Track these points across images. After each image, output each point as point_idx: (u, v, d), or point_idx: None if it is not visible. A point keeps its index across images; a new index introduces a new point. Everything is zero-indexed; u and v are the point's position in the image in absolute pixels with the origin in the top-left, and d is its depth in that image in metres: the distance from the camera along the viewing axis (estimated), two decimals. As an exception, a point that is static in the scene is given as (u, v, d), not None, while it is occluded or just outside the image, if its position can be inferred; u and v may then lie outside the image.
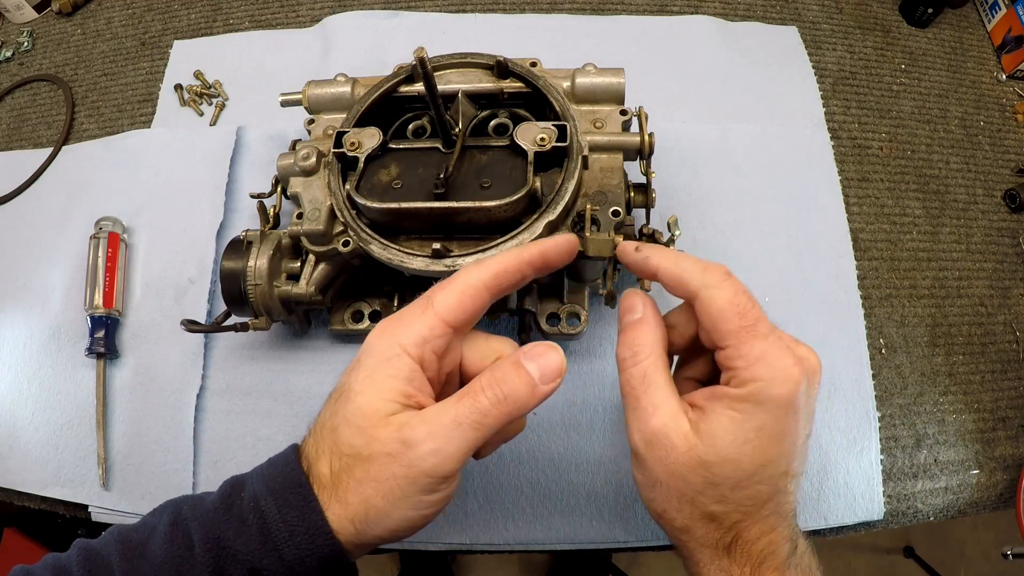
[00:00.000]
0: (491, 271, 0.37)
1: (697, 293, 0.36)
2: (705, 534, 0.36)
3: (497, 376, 0.35)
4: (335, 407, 0.36)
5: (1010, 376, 0.61)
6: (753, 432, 0.34)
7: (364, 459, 0.34)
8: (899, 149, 0.69)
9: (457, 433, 0.34)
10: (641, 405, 0.36)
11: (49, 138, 0.74)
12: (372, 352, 0.36)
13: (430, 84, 0.45)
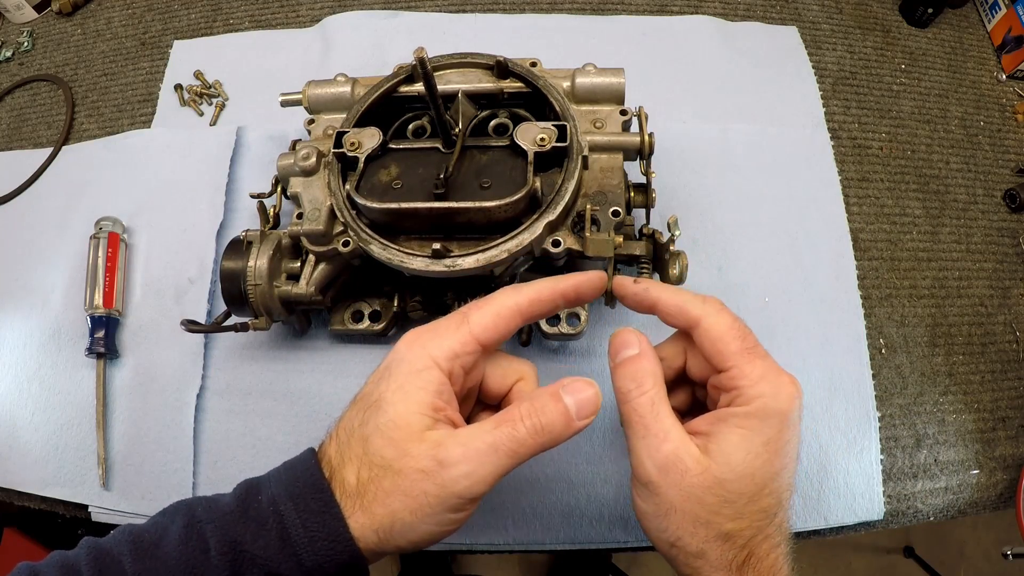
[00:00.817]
0: (527, 297, 0.38)
1: (699, 320, 0.38)
2: (719, 556, 0.37)
3: (537, 406, 0.35)
4: (365, 416, 0.36)
5: (1010, 376, 0.61)
6: (762, 446, 0.36)
7: (395, 472, 0.34)
8: (899, 149, 0.69)
9: (492, 459, 0.34)
10: (652, 432, 0.37)
11: (49, 138, 0.74)
12: (403, 361, 0.36)
13: (430, 84, 0.45)
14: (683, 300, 0.39)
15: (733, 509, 0.36)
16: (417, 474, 0.34)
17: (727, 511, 0.36)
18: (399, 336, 0.59)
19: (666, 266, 0.49)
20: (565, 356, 0.58)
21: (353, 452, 0.36)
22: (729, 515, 0.36)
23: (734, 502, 0.36)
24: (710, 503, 0.36)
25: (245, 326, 0.53)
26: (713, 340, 0.38)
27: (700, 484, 0.36)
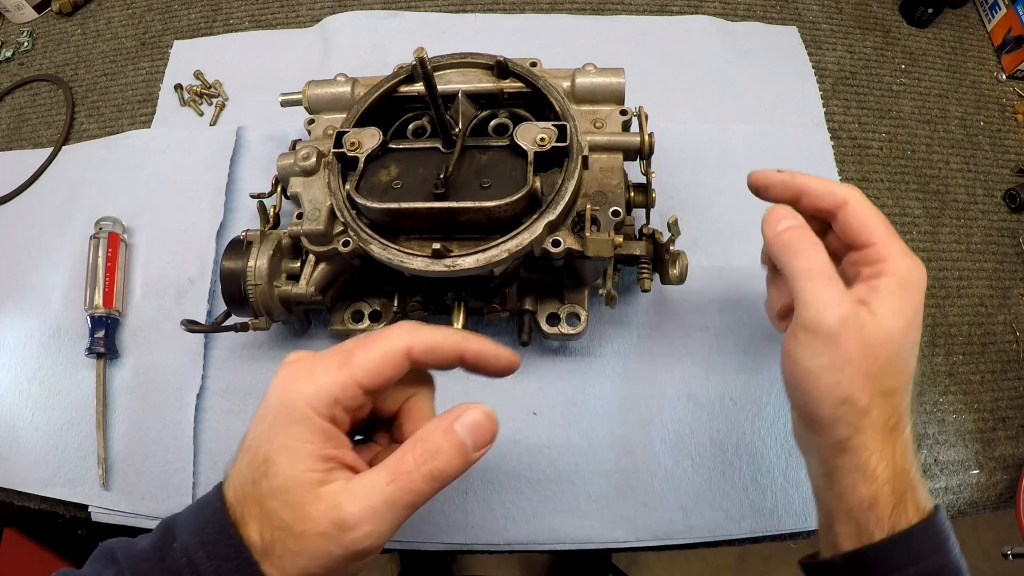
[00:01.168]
0: (423, 343, 0.36)
1: (847, 200, 0.42)
2: (880, 414, 0.39)
3: (431, 448, 0.34)
4: (255, 476, 0.34)
5: (1010, 376, 0.61)
6: (912, 311, 0.40)
7: (297, 535, 0.33)
8: (899, 149, 0.69)
9: (391, 515, 0.33)
10: (835, 284, 0.40)
11: (49, 138, 0.74)
12: (280, 410, 0.34)
13: (430, 84, 0.45)
14: (830, 182, 0.44)
15: (894, 367, 0.39)
16: (320, 538, 0.32)
17: (891, 368, 0.39)
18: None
19: (666, 266, 0.49)
20: (565, 356, 0.58)
21: (251, 512, 0.34)
22: (892, 373, 0.39)
23: (898, 355, 0.39)
24: (882, 357, 0.39)
25: (245, 326, 0.53)
26: (861, 218, 0.42)
27: (877, 338, 0.38)
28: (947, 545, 0.39)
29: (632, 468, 0.55)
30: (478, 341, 0.37)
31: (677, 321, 0.59)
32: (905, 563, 0.38)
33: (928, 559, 0.38)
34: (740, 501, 0.54)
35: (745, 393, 0.56)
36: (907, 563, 0.38)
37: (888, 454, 0.39)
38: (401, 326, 0.36)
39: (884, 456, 0.39)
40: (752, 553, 1.43)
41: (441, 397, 0.58)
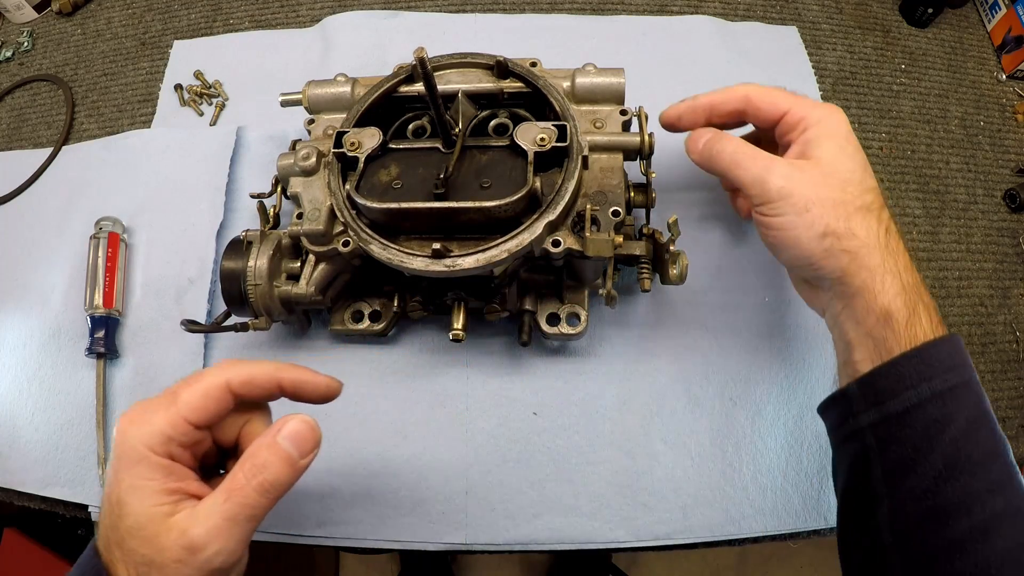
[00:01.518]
0: (240, 377, 0.38)
1: (746, 92, 0.48)
2: (866, 230, 0.43)
3: (258, 464, 0.36)
4: (113, 521, 0.36)
5: (1010, 376, 0.61)
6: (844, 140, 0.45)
7: (158, 567, 0.35)
8: (899, 149, 0.69)
9: (234, 531, 0.35)
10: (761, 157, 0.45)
11: (49, 138, 0.74)
12: (123, 454, 0.36)
13: (430, 84, 0.45)
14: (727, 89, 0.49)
15: (855, 187, 0.44)
16: (176, 564, 0.35)
17: (851, 189, 0.43)
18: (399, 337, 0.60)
19: (666, 266, 0.49)
20: (565, 356, 0.58)
21: (116, 556, 0.36)
22: (855, 192, 0.43)
23: (852, 180, 0.44)
24: (835, 183, 0.43)
25: (245, 326, 0.53)
26: (765, 100, 0.48)
27: (820, 172, 0.44)
28: (963, 366, 0.40)
29: (632, 468, 0.55)
30: (293, 370, 0.40)
31: (677, 321, 0.59)
32: (917, 380, 0.39)
33: (940, 377, 0.39)
34: (740, 501, 0.54)
35: (745, 393, 0.56)
36: (919, 380, 0.39)
37: (891, 267, 0.42)
38: (221, 363, 0.39)
39: (888, 270, 0.42)
40: (752, 553, 1.43)
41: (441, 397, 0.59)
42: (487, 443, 0.56)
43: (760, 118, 0.49)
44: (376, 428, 0.56)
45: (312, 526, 0.55)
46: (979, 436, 0.39)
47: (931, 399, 0.39)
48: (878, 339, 0.41)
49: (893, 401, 0.40)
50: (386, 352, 0.59)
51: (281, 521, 0.55)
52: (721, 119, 0.50)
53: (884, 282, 0.42)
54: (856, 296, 0.43)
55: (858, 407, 0.42)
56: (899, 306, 0.41)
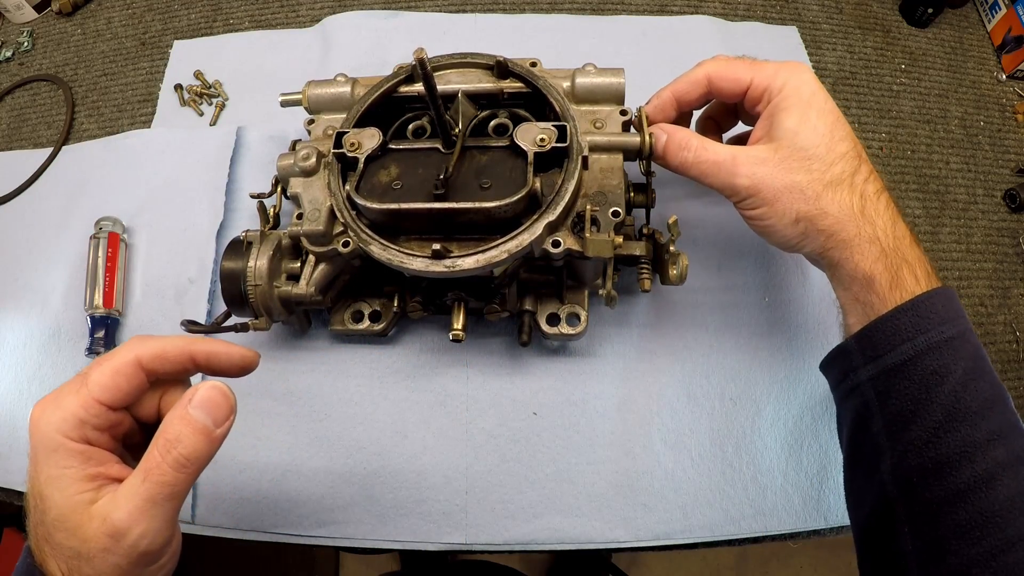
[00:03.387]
0: (150, 351, 0.37)
1: (705, 71, 0.48)
2: (839, 206, 0.43)
3: (171, 439, 0.34)
4: (39, 516, 0.35)
5: (1010, 376, 0.61)
6: (807, 106, 0.44)
7: (87, 557, 0.34)
8: (899, 149, 0.69)
9: (157, 511, 0.34)
10: (721, 156, 0.45)
11: (49, 138, 0.74)
12: (38, 444, 0.35)
13: (430, 84, 0.45)
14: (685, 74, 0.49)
15: (820, 162, 0.43)
16: (103, 553, 0.33)
17: (816, 166, 0.43)
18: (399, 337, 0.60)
19: (666, 266, 0.49)
20: (565, 356, 0.58)
21: (46, 551, 0.35)
22: (820, 167, 0.43)
23: (816, 155, 0.43)
24: (798, 166, 0.43)
25: (245, 326, 0.53)
26: (725, 76, 0.47)
27: (782, 158, 0.44)
28: (958, 318, 0.40)
29: (632, 468, 0.55)
30: (205, 343, 0.39)
31: (677, 321, 0.59)
32: (913, 333, 0.40)
33: (935, 330, 0.40)
34: (740, 501, 0.54)
35: (745, 393, 0.56)
36: (915, 332, 0.40)
37: (868, 235, 0.43)
38: (131, 340, 0.37)
39: (864, 238, 0.42)
40: (752, 553, 1.43)
41: (441, 397, 0.59)
42: (487, 443, 0.56)
43: (726, 96, 0.49)
44: (376, 428, 0.56)
45: (312, 526, 0.55)
46: (978, 386, 0.39)
47: (927, 351, 0.40)
48: (865, 303, 0.43)
49: (890, 354, 0.41)
50: (386, 352, 0.59)
51: (281, 521, 0.55)
52: (691, 106, 0.51)
53: (862, 250, 0.42)
54: (837, 267, 0.44)
55: (856, 362, 0.43)
56: (880, 270, 0.42)
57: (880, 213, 0.43)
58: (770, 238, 0.47)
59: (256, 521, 0.55)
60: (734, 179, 0.45)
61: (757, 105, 0.47)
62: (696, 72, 0.49)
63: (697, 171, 0.46)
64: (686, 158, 0.47)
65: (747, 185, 0.44)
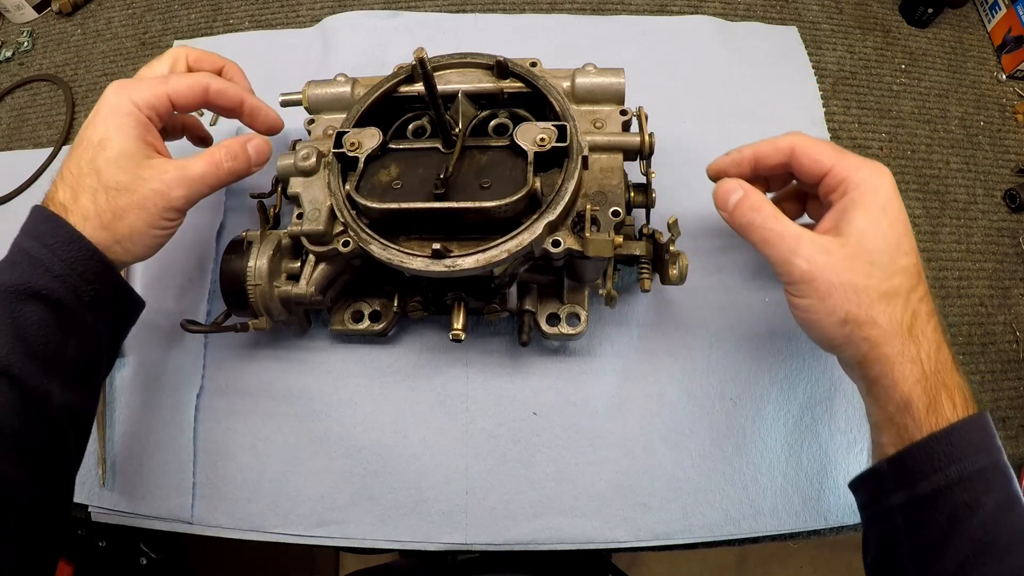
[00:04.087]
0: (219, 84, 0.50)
1: (791, 144, 0.47)
2: (888, 318, 0.42)
3: (232, 152, 0.49)
4: (92, 155, 0.45)
5: (1010, 376, 0.61)
6: (881, 212, 0.43)
7: (131, 191, 0.45)
8: (899, 149, 0.69)
9: (200, 186, 0.47)
10: (789, 234, 0.44)
11: (49, 138, 0.74)
12: (113, 106, 0.46)
13: (430, 84, 0.45)
14: (774, 139, 0.48)
15: (881, 269, 0.42)
16: (150, 192, 0.45)
17: (877, 272, 0.42)
18: (399, 338, 0.60)
19: (666, 266, 0.49)
20: (565, 356, 0.58)
21: (87, 184, 0.44)
22: (880, 276, 0.42)
23: (879, 262, 0.42)
24: (860, 268, 0.42)
25: (245, 326, 0.53)
26: (810, 155, 0.46)
27: (846, 255, 0.42)
28: (991, 447, 0.40)
29: (632, 468, 0.55)
30: (257, 99, 0.53)
31: (677, 321, 0.59)
32: (946, 462, 0.39)
33: (968, 459, 0.39)
34: (740, 501, 0.54)
35: (745, 393, 0.56)
36: (948, 462, 0.39)
37: (912, 355, 0.41)
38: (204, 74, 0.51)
39: (907, 358, 0.41)
40: (752, 553, 1.43)
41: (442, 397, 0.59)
42: (487, 443, 0.56)
43: (803, 174, 0.47)
44: (376, 428, 0.56)
45: (312, 526, 0.55)
46: (1008, 520, 0.38)
47: (959, 481, 0.39)
48: (900, 426, 0.41)
49: (922, 483, 0.40)
50: (386, 352, 0.59)
51: (281, 521, 0.55)
52: (767, 171, 0.49)
53: (903, 370, 0.41)
54: (875, 382, 0.43)
55: (888, 486, 0.42)
56: (919, 394, 0.41)
57: (927, 335, 0.42)
58: (812, 332, 0.45)
59: (256, 521, 0.55)
60: (793, 258, 0.43)
61: (831, 194, 0.45)
62: (782, 140, 0.47)
63: (760, 236, 0.45)
64: (754, 219, 0.45)
65: (805, 269, 0.42)
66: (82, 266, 0.43)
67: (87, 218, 0.44)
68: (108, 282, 0.45)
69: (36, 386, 0.41)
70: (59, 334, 0.42)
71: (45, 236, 0.43)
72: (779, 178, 0.52)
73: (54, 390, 0.42)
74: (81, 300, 0.43)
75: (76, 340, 0.44)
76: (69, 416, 0.44)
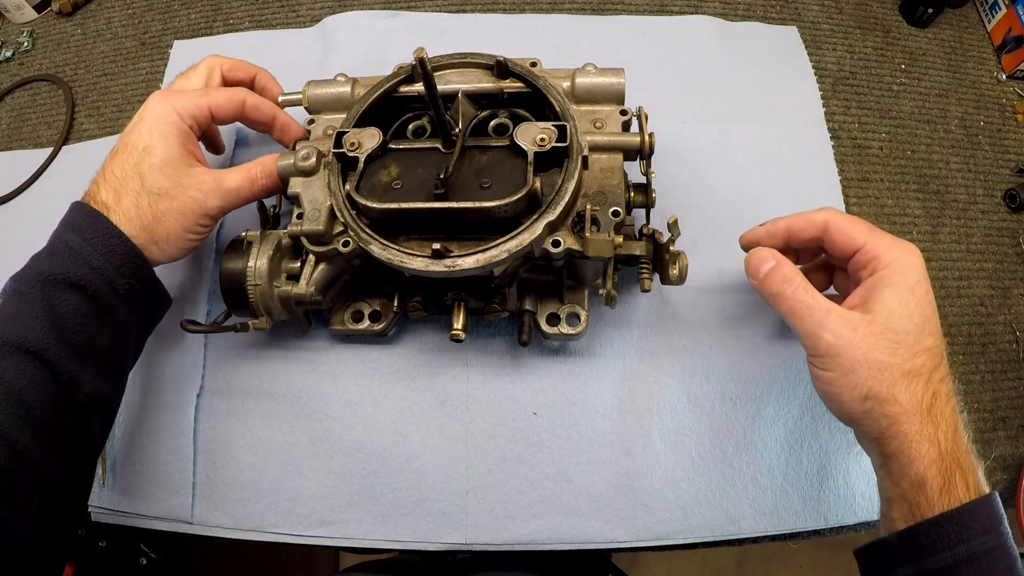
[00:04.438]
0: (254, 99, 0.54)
1: (826, 221, 0.47)
2: (910, 396, 0.42)
3: (267, 170, 0.52)
4: (136, 160, 0.48)
5: (1010, 376, 0.61)
6: (909, 292, 0.44)
7: (171, 197, 0.48)
8: (899, 149, 0.69)
9: (234, 197, 0.51)
10: (818, 307, 0.44)
11: (49, 138, 0.74)
12: (157, 114, 0.49)
13: (430, 84, 0.45)
14: (807, 214, 0.49)
15: (906, 349, 0.43)
16: (189, 199, 0.48)
17: (902, 351, 0.43)
18: (399, 338, 0.60)
19: (666, 266, 0.49)
20: (565, 356, 0.58)
21: (130, 187, 0.47)
22: (905, 355, 0.43)
23: (904, 342, 0.43)
24: (885, 346, 0.42)
25: (245, 326, 0.53)
26: (843, 231, 0.46)
27: (872, 332, 0.43)
28: (999, 528, 0.40)
29: (632, 468, 0.55)
30: (287, 116, 0.57)
31: (677, 321, 0.59)
32: (955, 541, 0.40)
33: (977, 540, 0.39)
34: (740, 501, 0.54)
35: (745, 393, 0.56)
36: (957, 541, 0.40)
37: (929, 435, 0.41)
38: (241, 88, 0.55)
39: (925, 438, 0.42)
40: (752, 553, 1.43)
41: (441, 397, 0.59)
42: (487, 443, 0.56)
43: (835, 249, 0.48)
44: (376, 428, 0.56)
45: (312, 526, 0.55)
46: None
47: (967, 560, 0.39)
48: (912, 503, 0.42)
49: (930, 560, 0.40)
50: (386, 352, 0.59)
51: (281, 521, 0.55)
52: (799, 244, 0.50)
53: (920, 449, 0.42)
54: (892, 458, 0.43)
55: (896, 559, 0.42)
56: (934, 474, 0.41)
57: (946, 416, 0.42)
58: (832, 405, 0.46)
59: (256, 521, 0.55)
60: (821, 331, 0.43)
61: (861, 271, 0.46)
62: (816, 215, 0.48)
63: (788, 307, 0.45)
64: (784, 290, 0.46)
65: (831, 343, 0.43)
66: (120, 260, 0.46)
67: (129, 219, 0.47)
68: (142, 278, 0.48)
69: (68, 371, 0.43)
70: (94, 324, 0.45)
71: (86, 230, 0.46)
72: (809, 251, 0.52)
73: (85, 377, 0.44)
74: (117, 293, 0.46)
75: (109, 331, 0.46)
76: (97, 404, 0.45)
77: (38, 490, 0.41)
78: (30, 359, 0.42)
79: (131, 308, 0.48)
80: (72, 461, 0.44)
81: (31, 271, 0.45)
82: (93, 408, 0.45)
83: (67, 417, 0.43)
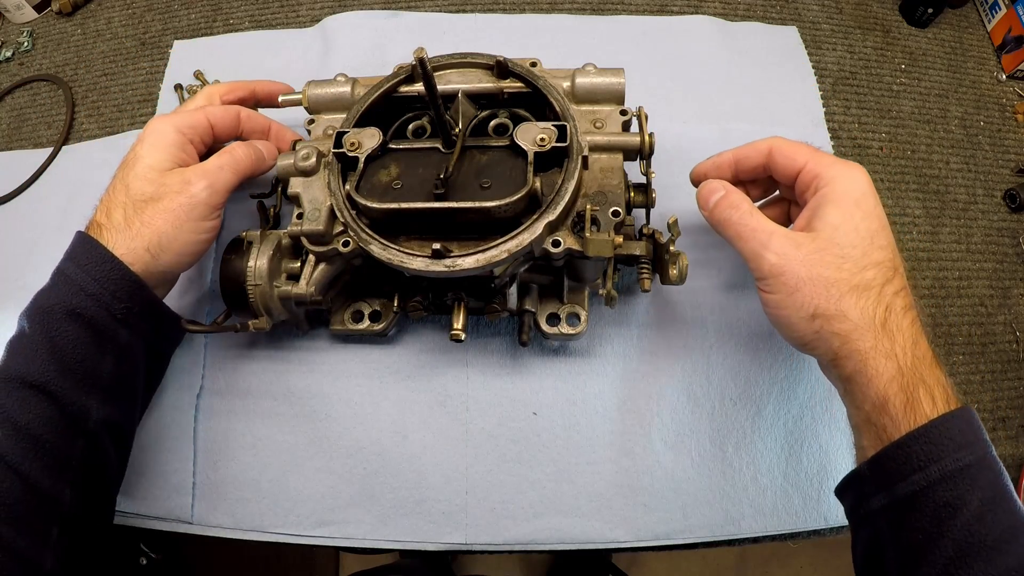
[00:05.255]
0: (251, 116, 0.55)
1: (769, 145, 0.48)
2: (860, 312, 0.41)
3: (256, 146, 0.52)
4: (123, 172, 0.49)
5: (1010, 376, 0.61)
6: (854, 206, 0.43)
7: (155, 199, 0.47)
8: (899, 149, 0.69)
9: (221, 174, 0.49)
10: (760, 229, 0.44)
11: (49, 138, 0.74)
12: (152, 130, 0.50)
13: (430, 84, 0.45)
14: (750, 143, 0.49)
15: (853, 263, 0.42)
16: (173, 195, 0.47)
17: (848, 266, 0.42)
18: (399, 338, 0.60)
19: (666, 266, 0.49)
20: (565, 356, 0.58)
21: (117, 200, 0.48)
22: (852, 269, 0.42)
23: (850, 256, 0.42)
24: (830, 261, 0.42)
25: (245, 326, 0.53)
26: (785, 153, 0.47)
27: (815, 248, 0.42)
28: (975, 443, 0.38)
29: (632, 468, 0.55)
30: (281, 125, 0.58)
31: (677, 321, 0.59)
32: (926, 461, 0.38)
33: (950, 457, 0.37)
34: (740, 501, 0.54)
35: (745, 393, 0.56)
36: (928, 461, 0.38)
37: (885, 350, 0.40)
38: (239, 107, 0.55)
39: (881, 353, 0.40)
40: (752, 553, 1.43)
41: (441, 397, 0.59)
42: (487, 443, 0.56)
43: (780, 174, 0.48)
44: (376, 428, 0.56)
45: (312, 526, 0.55)
46: (995, 518, 0.37)
47: (940, 480, 0.37)
48: (878, 426, 0.40)
49: (902, 484, 0.38)
50: (386, 352, 0.59)
51: (281, 521, 0.55)
52: (747, 174, 0.50)
53: (877, 365, 0.40)
54: (850, 380, 0.42)
55: (869, 489, 0.41)
56: (895, 391, 0.39)
57: (903, 329, 0.41)
58: (783, 330, 0.45)
59: (256, 521, 0.55)
60: (764, 251, 0.43)
61: (806, 192, 0.46)
62: (760, 142, 0.49)
63: (734, 231, 0.45)
64: (730, 216, 0.46)
65: (773, 263, 0.43)
66: (114, 285, 0.45)
67: (119, 231, 0.46)
68: (139, 299, 0.47)
69: (74, 401, 0.43)
70: (94, 351, 0.44)
71: (81, 257, 0.45)
72: (760, 184, 0.53)
73: (92, 405, 0.44)
74: (115, 317, 0.45)
75: (112, 357, 0.46)
76: (108, 430, 0.45)
77: (55, 520, 0.42)
78: (34, 393, 0.42)
79: (133, 331, 0.47)
80: (87, 488, 0.44)
81: (34, 305, 0.45)
82: (104, 434, 0.45)
83: (77, 446, 0.43)
